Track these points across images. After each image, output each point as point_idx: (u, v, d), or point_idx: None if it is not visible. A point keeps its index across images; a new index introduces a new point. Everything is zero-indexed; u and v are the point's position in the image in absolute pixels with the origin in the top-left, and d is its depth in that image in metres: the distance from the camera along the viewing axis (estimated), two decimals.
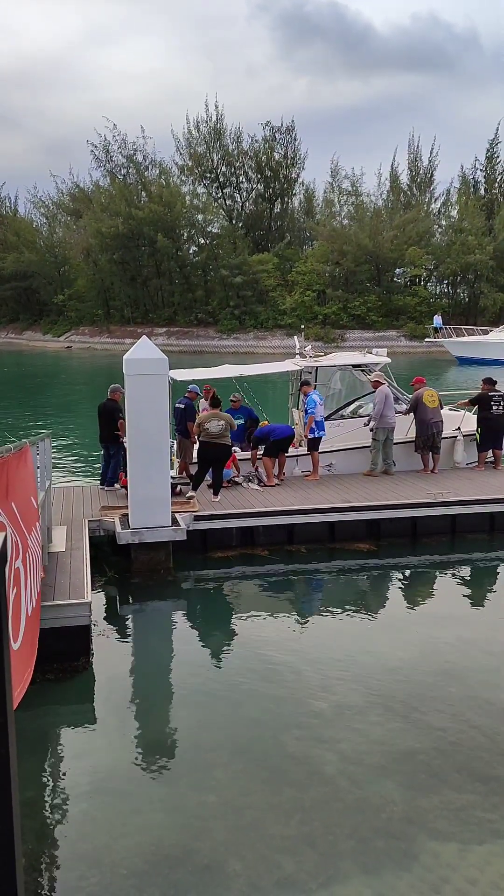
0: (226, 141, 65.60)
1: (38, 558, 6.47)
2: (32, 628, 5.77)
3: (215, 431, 11.75)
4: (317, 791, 5.93)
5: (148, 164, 65.03)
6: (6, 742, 0.84)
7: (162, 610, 9.83)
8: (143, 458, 10.42)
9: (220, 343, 58.22)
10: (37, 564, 6.26)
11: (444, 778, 6.03)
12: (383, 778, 6.05)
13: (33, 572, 5.87)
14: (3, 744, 0.83)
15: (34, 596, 5.92)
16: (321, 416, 13.22)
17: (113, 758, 6.47)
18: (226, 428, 11.82)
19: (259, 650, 8.44)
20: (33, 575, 5.86)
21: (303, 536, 11.60)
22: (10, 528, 4.43)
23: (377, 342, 51.57)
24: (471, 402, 14.44)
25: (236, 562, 11.10)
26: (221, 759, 6.39)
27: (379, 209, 63.41)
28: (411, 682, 7.60)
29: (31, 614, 5.64)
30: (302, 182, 68.56)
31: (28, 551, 5.39)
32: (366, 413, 14.15)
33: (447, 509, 12.05)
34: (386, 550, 11.60)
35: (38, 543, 6.44)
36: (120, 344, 57.65)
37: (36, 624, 6.16)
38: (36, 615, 6.26)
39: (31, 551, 5.69)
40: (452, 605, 9.98)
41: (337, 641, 8.63)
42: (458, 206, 63.83)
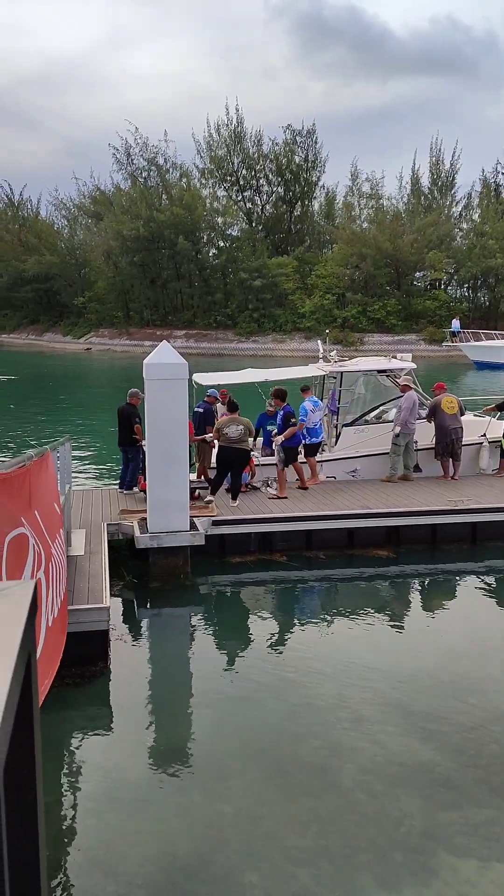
0: (246, 144, 65.68)
1: (63, 566, 6.47)
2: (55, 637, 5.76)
3: (234, 436, 11.72)
4: (334, 802, 5.87)
5: (169, 166, 65.32)
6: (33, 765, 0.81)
7: (179, 615, 9.82)
8: (161, 463, 10.42)
9: (238, 346, 58.21)
10: (61, 572, 6.26)
11: (464, 792, 5.95)
12: (401, 790, 5.99)
13: (56, 581, 5.86)
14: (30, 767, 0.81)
15: (57, 605, 5.91)
16: (314, 423, 13.13)
17: (129, 764, 6.46)
18: (245, 433, 11.79)
19: (276, 657, 8.40)
20: (56, 584, 5.85)
21: (321, 542, 11.54)
22: (33, 538, 4.43)
23: (396, 346, 51.35)
24: (497, 407, 14.36)
25: (254, 567, 11.07)
26: (237, 767, 6.35)
27: (399, 212, 63.15)
28: (430, 692, 7.52)
29: (54, 624, 5.64)
30: (322, 185, 68.55)
31: (51, 560, 5.38)
32: (390, 419, 14.06)
33: (467, 516, 11.94)
34: (405, 557, 11.51)
35: (62, 551, 6.45)
36: (139, 346, 57.84)
37: (60, 632, 6.15)
38: (59, 624, 6.25)
39: (55, 559, 5.68)
40: (472, 614, 9.89)
41: (355, 649, 8.56)
42: (479, 209, 63.44)
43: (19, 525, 4.06)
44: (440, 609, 10.12)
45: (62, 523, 6.70)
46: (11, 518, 3.94)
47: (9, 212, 75.56)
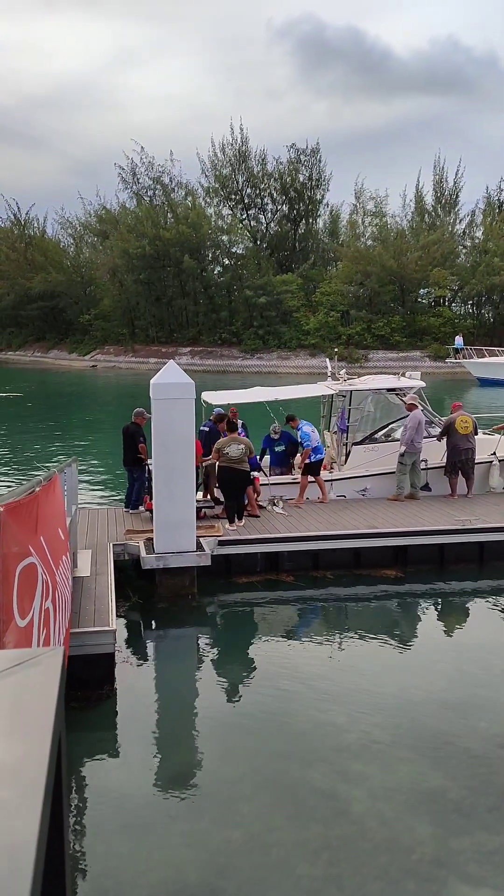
0: (251, 163, 66.19)
1: (68, 592, 6.44)
2: None
3: (235, 456, 11.70)
4: (344, 829, 5.80)
5: (174, 185, 65.85)
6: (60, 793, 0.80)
7: (186, 636, 9.77)
8: (168, 482, 10.41)
9: (243, 363, 58.36)
10: (66, 599, 6.23)
11: (476, 818, 5.87)
12: (412, 817, 5.91)
13: (62, 609, 5.83)
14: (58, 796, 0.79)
15: (62, 635, 5.87)
16: (317, 442, 13.16)
17: (136, 789, 6.39)
18: (245, 452, 11.76)
19: (284, 679, 8.33)
20: (62, 612, 5.82)
21: (328, 562, 11.49)
22: (40, 566, 4.41)
23: (401, 363, 51.43)
24: None
25: (261, 587, 11.02)
26: (246, 792, 6.28)
27: (403, 230, 63.45)
28: (440, 715, 7.45)
29: None
30: (327, 203, 68.96)
31: (56, 588, 5.35)
32: (398, 437, 14.07)
33: (475, 536, 11.88)
34: (412, 577, 11.45)
35: (67, 576, 6.43)
36: (144, 363, 58.06)
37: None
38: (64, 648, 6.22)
39: (60, 587, 5.66)
40: (481, 635, 9.81)
41: (363, 671, 8.49)
42: (482, 226, 63.70)
43: (28, 554, 4.04)
44: (448, 630, 10.05)
45: (67, 547, 6.68)
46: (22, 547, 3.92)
47: (15, 230, 76.10)
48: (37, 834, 0.60)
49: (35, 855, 0.57)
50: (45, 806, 0.63)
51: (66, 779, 0.79)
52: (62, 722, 0.72)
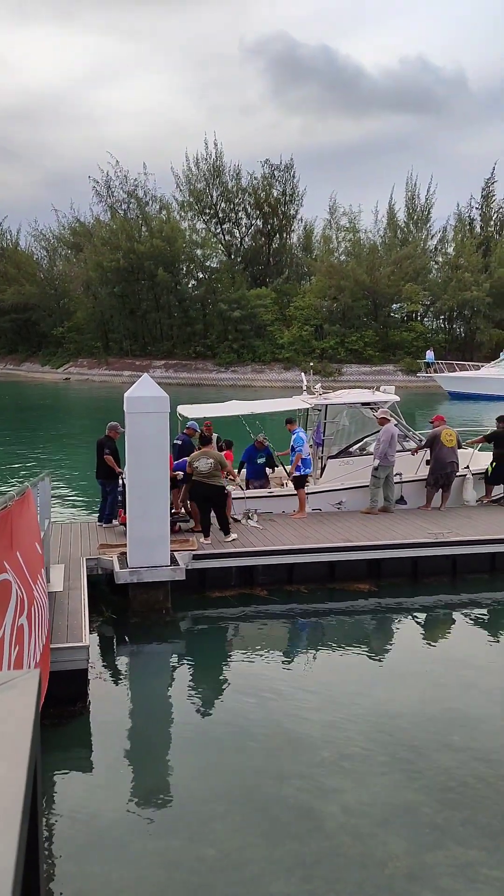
0: (225, 178, 66.59)
1: (45, 607, 6.37)
2: None
3: (204, 470, 11.68)
4: (318, 845, 5.78)
5: (149, 199, 66.00)
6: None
7: (160, 651, 9.70)
8: (142, 496, 10.36)
9: (218, 376, 58.46)
10: (43, 614, 6.16)
11: (449, 832, 5.89)
12: (386, 831, 5.92)
13: (39, 625, 5.76)
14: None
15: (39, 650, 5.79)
16: (308, 454, 13.21)
17: (109, 807, 6.32)
18: (214, 467, 11.75)
19: (258, 694, 8.31)
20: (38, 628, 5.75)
21: (303, 576, 11.51)
22: (15, 582, 4.36)
23: (374, 377, 51.87)
24: (486, 438, 14.65)
25: (235, 602, 10.99)
26: (220, 809, 6.25)
27: (376, 245, 64.18)
28: (414, 729, 7.48)
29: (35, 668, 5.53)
30: (300, 218, 69.54)
31: (34, 603, 5.29)
32: (373, 451, 14.17)
33: (448, 549, 11.98)
34: (386, 590, 11.50)
35: (44, 591, 6.36)
36: (118, 376, 57.90)
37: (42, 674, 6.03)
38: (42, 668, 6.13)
39: (37, 602, 5.59)
40: (454, 648, 9.88)
41: (338, 686, 8.50)
42: (454, 243, 64.65)
43: (2, 570, 3.99)
44: (421, 644, 10.10)
45: (43, 562, 6.62)
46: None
47: None
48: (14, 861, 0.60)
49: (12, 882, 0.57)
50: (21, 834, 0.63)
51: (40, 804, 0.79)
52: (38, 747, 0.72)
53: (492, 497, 14.64)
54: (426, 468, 14.10)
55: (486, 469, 14.52)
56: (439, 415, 15.36)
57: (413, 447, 14.26)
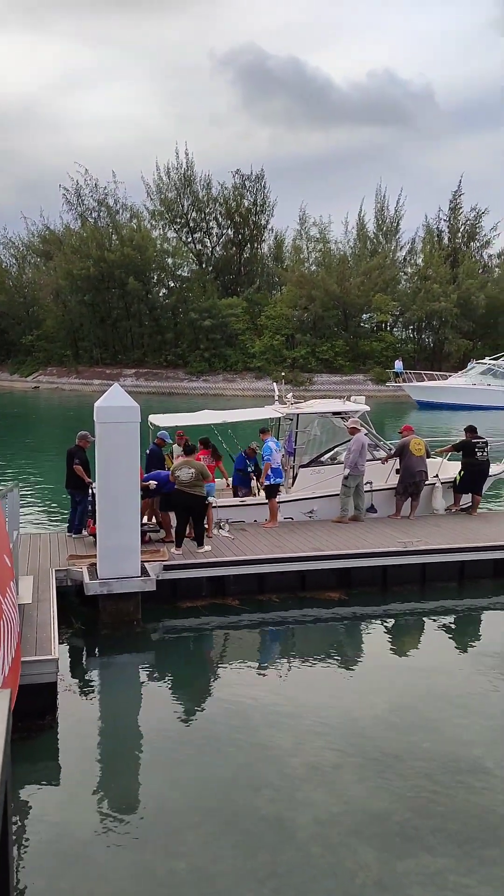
0: (196, 187, 66.74)
1: (14, 620, 6.29)
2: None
3: (185, 479, 11.68)
4: (290, 856, 5.79)
5: (119, 207, 65.88)
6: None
7: (130, 663, 9.64)
8: (112, 507, 10.31)
9: (189, 385, 58.41)
10: (12, 627, 6.08)
11: (419, 840, 5.93)
12: (357, 841, 5.94)
13: (7, 639, 5.69)
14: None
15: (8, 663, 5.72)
16: (278, 463, 13.25)
17: (79, 822, 6.26)
18: (196, 476, 11.75)
19: (229, 705, 8.30)
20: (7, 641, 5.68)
21: (274, 585, 11.52)
22: None
23: (344, 386, 52.30)
24: (455, 447, 14.81)
25: (206, 612, 10.97)
26: (191, 821, 6.22)
27: (346, 256, 64.78)
28: (384, 737, 7.52)
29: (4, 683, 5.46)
30: (271, 228, 69.90)
31: (2, 617, 5.22)
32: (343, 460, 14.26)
33: (417, 558, 12.09)
34: (356, 599, 11.56)
35: (14, 604, 6.29)
36: (88, 385, 57.56)
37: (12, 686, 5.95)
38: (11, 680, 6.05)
39: (6, 615, 5.52)
40: (423, 656, 9.96)
41: (309, 695, 8.52)
42: (423, 254, 65.47)
43: None
44: (391, 652, 10.17)
45: (13, 574, 6.55)
46: None
47: None
48: None
49: None
50: None
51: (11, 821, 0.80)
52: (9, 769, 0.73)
53: (460, 505, 14.81)
54: (396, 477, 14.23)
55: (454, 478, 14.69)
56: (408, 424, 15.56)
57: (383, 456, 14.39)
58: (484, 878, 5.55)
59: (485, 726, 7.75)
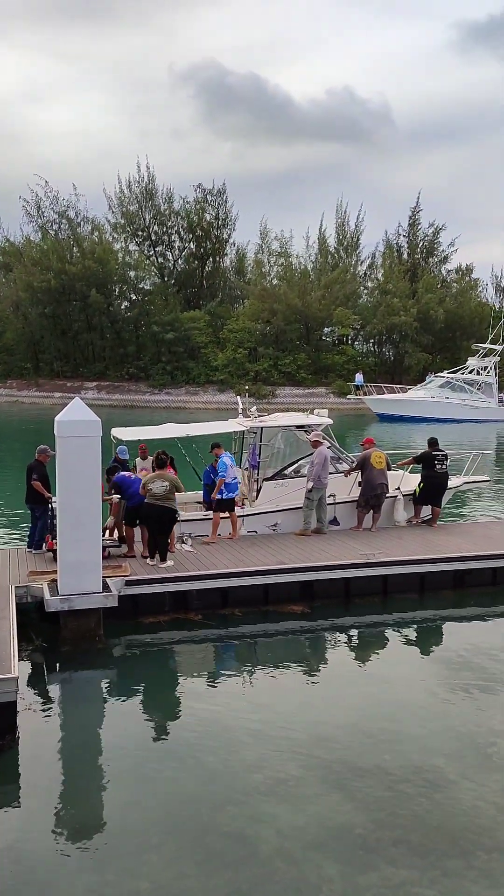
0: (157, 200, 66.84)
1: None
2: None
3: (159, 492, 11.61)
4: (253, 871, 5.77)
5: (80, 220, 65.61)
6: None
7: (92, 680, 9.52)
8: (73, 522, 10.20)
9: (151, 398, 58.24)
10: None
11: (382, 853, 5.96)
12: (320, 855, 5.94)
13: None
14: None
15: None
16: (233, 478, 13.24)
17: (40, 844, 6.16)
18: (170, 490, 11.69)
19: (193, 721, 8.25)
20: None
21: (237, 599, 11.50)
22: None
23: (307, 399, 52.68)
24: (415, 459, 14.98)
25: (169, 627, 10.90)
26: (154, 840, 6.16)
27: (307, 270, 65.44)
28: (347, 750, 7.55)
29: None
30: (233, 242, 70.28)
31: None
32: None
33: (378, 570, 12.19)
34: (319, 612, 11.60)
35: None
36: (49, 398, 56.98)
37: None
38: None
39: None
40: (385, 668, 10.03)
41: (272, 709, 8.51)
42: (383, 269, 66.46)
43: None
44: (353, 664, 10.22)
45: None
46: None
47: None
48: None
49: None
50: None
51: None
52: None
53: (421, 518, 14.98)
54: (359, 490, 14.35)
55: (414, 490, 14.87)
56: (369, 437, 15.71)
57: (346, 469, 14.51)
58: (446, 889, 5.59)
59: (446, 737, 7.83)
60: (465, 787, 6.85)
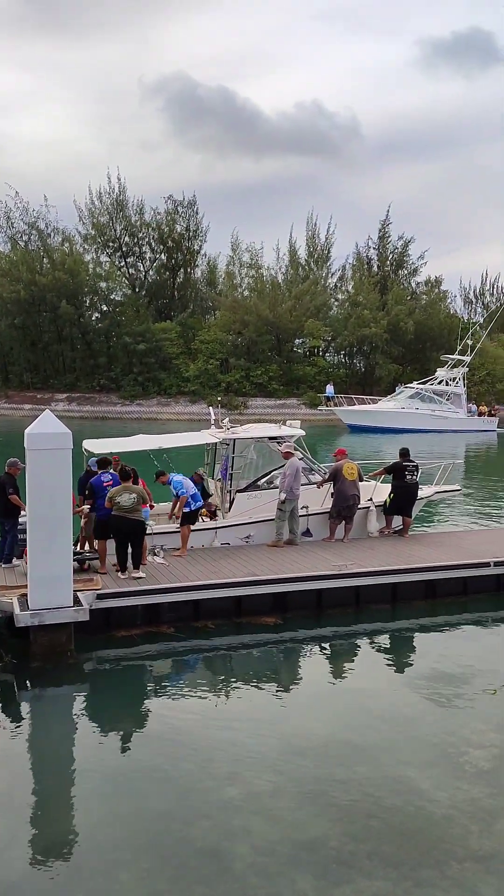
0: (128, 212, 66.86)
1: None
2: None
3: (127, 505, 11.55)
4: (227, 887, 5.72)
5: (51, 231, 65.39)
6: None
7: (63, 696, 9.41)
8: (43, 535, 10.10)
9: (122, 409, 58.00)
10: None
11: (355, 865, 5.95)
12: (294, 869, 5.91)
13: None
14: None
15: None
16: (193, 489, 13.19)
17: (9, 865, 6.05)
18: (137, 501, 11.63)
19: (166, 736, 8.19)
20: None
21: (209, 611, 11.46)
22: None
23: (278, 410, 52.87)
24: (386, 470, 15.08)
25: (141, 640, 10.82)
26: (126, 858, 6.09)
27: (278, 282, 65.83)
28: (321, 762, 7.54)
29: None
30: (204, 254, 70.49)
31: None
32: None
33: (351, 580, 12.23)
34: (292, 623, 11.60)
35: None
36: (19, 409, 56.47)
37: None
38: None
39: None
40: (358, 679, 10.04)
41: (245, 722, 8.48)
42: (353, 281, 67.10)
43: None
44: (326, 676, 10.22)
45: None
46: None
47: None
48: None
49: None
50: None
51: None
52: None
53: (392, 528, 15.08)
54: (331, 501, 14.40)
55: (385, 500, 14.96)
56: (341, 448, 15.78)
57: (319, 480, 14.55)
58: None
59: (419, 747, 7.86)
60: (438, 797, 6.88)
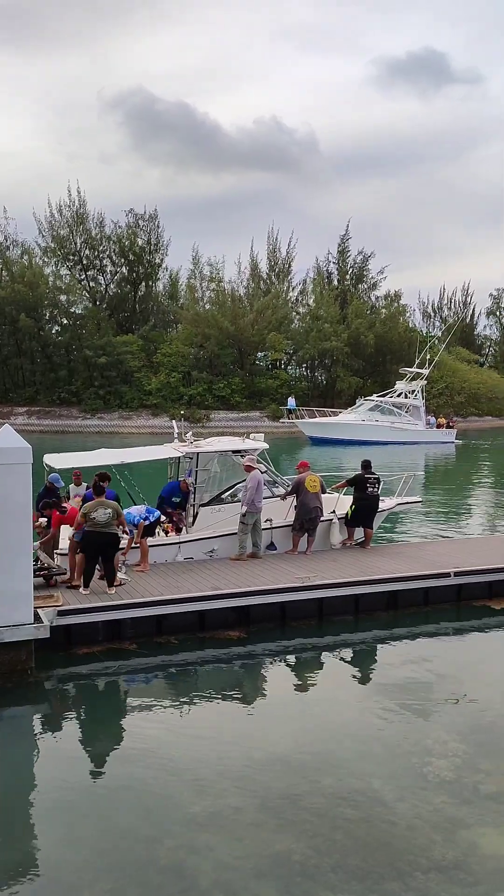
0: (89, 225, 66.66)
1: None
2: None
3: (102, 520, 11.42)
4: None
5: (9, 243, 64.83)
6: None
7: (23, 715, 9.25)
8: (3, 552, 9.94)
9: (83, 423, 57.55)
10: None
11: (321, 879, 5.95)
12: (259, 884, 5.89)
13: None
14: None
15: None
16: (146, 510, 13.11)
17: None
18: (113, 516, 11.53)
19: (128, 753, 8.10)
20: None
21: (172, 627, 11.39)
22: None
23: (241, 422, 52.95)
24: (348, 482, 15.18)
25: (103, 657, 10.69)
26: (88, 879, 6.00)
27: (239, 296, 66.16)
28: (284, 776, 7.53)
29: None
30: (166, 267, 70.56)
31: None
32: None
33: (314, 593, 12.27)
34: (255, 637, 11.58)
35: None
36: None
37: None
38: None
39: None
40: (322, 691, 10.07)
41: (210, 738, 8.43)
42: (314, 295, 67.76)
43: None
44: (290, 689, 10.22)
45: None
46: None
47: None
48: None
49: None
50: None
51: None
52: None
53: (354, 540, 15.18)
54: (294, 513, 14.45)
55: (346, 512, 15.07)
56: (304, 461, 15.86)
57: (282, 493, 14.59)
58: None
59: (382, 758, 7.89)
60: (402, 808, 6.91)
